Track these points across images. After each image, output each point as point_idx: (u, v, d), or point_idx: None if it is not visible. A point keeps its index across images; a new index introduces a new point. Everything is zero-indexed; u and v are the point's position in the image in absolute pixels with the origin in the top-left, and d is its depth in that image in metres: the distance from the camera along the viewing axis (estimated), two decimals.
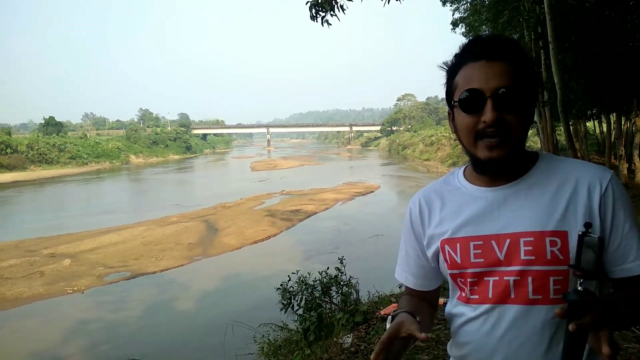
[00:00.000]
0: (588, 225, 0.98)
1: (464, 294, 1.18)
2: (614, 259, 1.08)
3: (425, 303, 1.30)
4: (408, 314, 1.12)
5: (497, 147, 1.05)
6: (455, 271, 1.18)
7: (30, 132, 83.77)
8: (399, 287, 6.58)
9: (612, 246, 1.07)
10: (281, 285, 6.40)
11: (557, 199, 1.07)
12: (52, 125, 70.16)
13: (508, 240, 1.09)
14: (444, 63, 1.17)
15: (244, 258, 16.40)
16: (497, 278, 1.10)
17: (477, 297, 1.14)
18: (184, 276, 14.61)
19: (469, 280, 1.15)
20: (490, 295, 1.11)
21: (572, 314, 0.91)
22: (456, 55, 1.14)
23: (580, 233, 0.99)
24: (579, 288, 0.94)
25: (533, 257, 1.05)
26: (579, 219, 1.05)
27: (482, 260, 1.12)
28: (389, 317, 1.15)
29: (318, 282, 6.28)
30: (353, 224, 20.89)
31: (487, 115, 1.04)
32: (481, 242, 1.12)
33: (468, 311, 1.16)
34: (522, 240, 1.07)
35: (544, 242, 1.04)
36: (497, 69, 1.05)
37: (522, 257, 1.07)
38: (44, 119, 72.67)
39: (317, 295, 6.13)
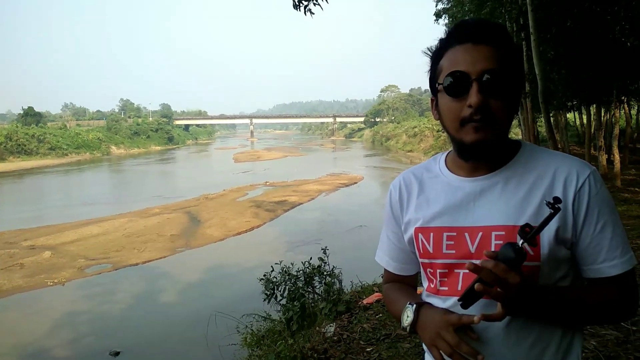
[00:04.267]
0: (556, 200, 0.95)
1: (432, 285, 1.18)
2: (584, 257, 1.07)
3: (413, 289, 1.31)
4: (431, 305, 1.14)
5: (483, 129, 1.02)
6: (425, 261, 1.18)
7: (8, 122, 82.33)
8: (381, 277, 6.62)
9: (582, 244, 1.05)
10: (264, 275, 6.40)
11: (533, 193, 1.05)
12: (31, 116, 68.93)
13: (480, 234, 1.08)
14: (428, 48, 1.15)
15: (227, 249, 16.34)
16: (467, 271, 1.06)
17: (446, 288, 1.14)
18: (167, 268, 14.50)
19: (438, 271, 1.14)
20: (459, 288, 1.10)
21: None
22: (441, 40, 1.11)
23: (546, 202, 0.96)
24: (517, 246, 0.93)
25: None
26: None
27: (453, 252, 1.11)
28: (413, 306, 1.13)
29: (301, 272, 6.29)
30: (337, 214, 20.91)
31: (473, 98, 1.01)
32: (454, 234, 1.11)
33: (437, 303, 1.15)
34: (493, 234, 1.06)
35: (515, 237, 1.01)
36: (484, 52, 1.02)
37: (493, 248, 1.04)
38: (23, 109, 71.35)
39: (300, 285, 6.15)
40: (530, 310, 1.01)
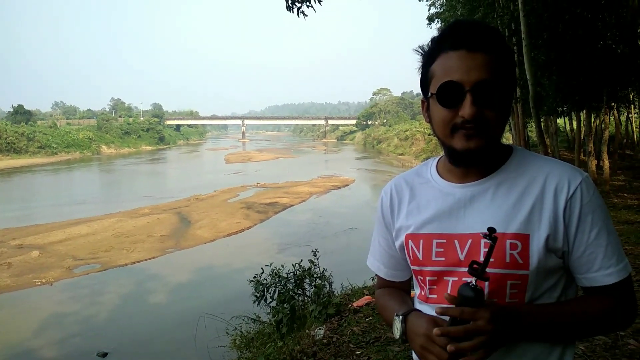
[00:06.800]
0: (491, 230, 0.94)
1: (422, 292, 1.16)
2: (578, 266, 1.04)
3: (405, 293, 1.29)
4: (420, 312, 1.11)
5: (474, 137, 1.00)
6: (415, 268, 1.16)
7: None
8: (372, 280, 6.62)
9: (575, 253, 1.03)
10: (254, 277, 6.37)
11: (523, 200, 1.03)
12: (20, 114, 68.57)
13: (470, 241, 1.05)
14: (419, 47, 1.11)
15: (218, 251, 16.29)
16: (456, 279, 1.07)
17: (435, 296, 1.11)
18: (156, 269, 14.43)
19: (428, 278, 1.12)
20: None
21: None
22: (434, 41, 1.07)
23: (482, 235, 0.96)
24: (472, 285, 0.93)
25: (492, 260, 0.96)
26: (544, 222, 1.01)
27: (443, 259, 1.09)
28: (400, 317, 1.10)
29: (291, 274, 6.28)
30: (328, 217, 20.91)
31: (466, 110, 0.98)
32: (444, 241, 1.09)
33: (427, 310, 1.11)
34: (483, 241, 1.03)
35: (504, 244, 1.00)
36: (478, 60, 0.99)
37: (482, 259, 1.00)
38: (13, 107, 71.13)
39: (290, 287, 6.13)
40: (520, 335, 0.99)
